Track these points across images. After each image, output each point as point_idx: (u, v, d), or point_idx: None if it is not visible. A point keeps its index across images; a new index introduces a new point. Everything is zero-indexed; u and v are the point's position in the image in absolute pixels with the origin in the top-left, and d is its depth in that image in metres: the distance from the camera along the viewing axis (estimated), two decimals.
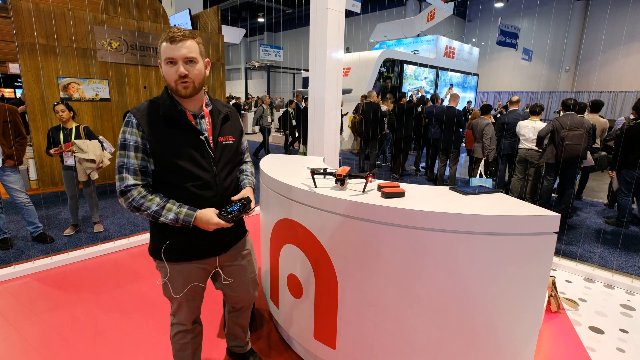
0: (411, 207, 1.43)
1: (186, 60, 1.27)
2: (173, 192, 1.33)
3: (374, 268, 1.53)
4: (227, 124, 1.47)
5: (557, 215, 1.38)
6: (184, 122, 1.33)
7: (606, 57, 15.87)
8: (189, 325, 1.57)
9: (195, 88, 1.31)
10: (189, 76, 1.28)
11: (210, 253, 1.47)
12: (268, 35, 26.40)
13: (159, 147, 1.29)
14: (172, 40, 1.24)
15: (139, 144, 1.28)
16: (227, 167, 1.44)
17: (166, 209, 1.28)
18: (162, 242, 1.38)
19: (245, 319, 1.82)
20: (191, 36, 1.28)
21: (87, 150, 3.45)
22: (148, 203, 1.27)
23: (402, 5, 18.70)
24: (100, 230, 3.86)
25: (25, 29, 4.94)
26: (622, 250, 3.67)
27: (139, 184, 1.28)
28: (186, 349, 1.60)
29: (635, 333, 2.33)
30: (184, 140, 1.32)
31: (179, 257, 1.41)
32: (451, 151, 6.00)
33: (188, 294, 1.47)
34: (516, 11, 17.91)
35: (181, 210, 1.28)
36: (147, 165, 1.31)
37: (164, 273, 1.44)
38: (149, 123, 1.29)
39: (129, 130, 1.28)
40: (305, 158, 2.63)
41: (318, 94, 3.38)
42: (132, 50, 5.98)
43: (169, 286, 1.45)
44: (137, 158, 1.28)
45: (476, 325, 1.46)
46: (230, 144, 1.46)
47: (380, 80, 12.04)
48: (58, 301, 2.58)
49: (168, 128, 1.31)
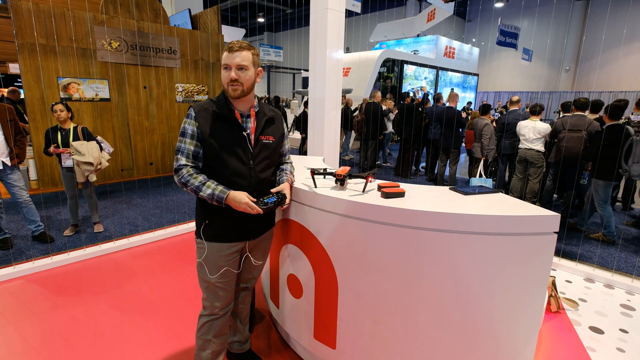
0: (411, 207, 1.43)
1: (239, 67, 1.48)
2: (214, 176, 1.53)
3: (374, 268, 1.53)
4: (270, 125, 1.65)
5: (557, 215, 1.38)
6: (232, 118, 1.53)
7: (606, 57, 15.87)
8: (217, 309, 1.64)
9: (243, 91, 1.51)
10: (238, 80, 1.48)
11: (242, 237, 1.62)
12: (268, 35, 26.39)
13: (208, 137, 1.50)
14: (230, 50, 1.48)
15: (195, 132, 1.50)
16: (263, 162, 1.60)
17: (206, 185, 1.48)
18: (202, 221, 1.57)
19: (243, 303, 1.85)
20: (247, 47, 1.50)
21: (84, 152, 3.43)
22: (193, 180, 1.48)
23: (402, 5, 18.70)
24: (100, 231, 3.85)
25: (25, 29, 4.94)
26: (622, 250, 3.67)
27: (189, 165, 1.51)
28: (207, 347, 1.67)
29: (635, 333, 2.33)
30: (229, 134, 1.53)
31: (216, 237, 1.57)
32: (451, 151, 6.01)
33: (221, 278, 1.59)
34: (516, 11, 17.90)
35: (217, 187, 1.48)
36: (199, 151, 1.52)
37: (201, 252, 1.59)
38: (204, 117, 1.51)
39: (188, 121, 1.51)
40: (305, 158, 2.63)
41: (318, 94, 3.38)
42: (132, 50, 5.98)
43: (205, 266, 1.59)
44: (192, 144, 1.51)
45: (476, 325, 1.46)
46: (269, 143, 1.63)
47: (380, 80, 12.04)
48: (58, 301, 2.58)
49: (218, 122, 1.52)
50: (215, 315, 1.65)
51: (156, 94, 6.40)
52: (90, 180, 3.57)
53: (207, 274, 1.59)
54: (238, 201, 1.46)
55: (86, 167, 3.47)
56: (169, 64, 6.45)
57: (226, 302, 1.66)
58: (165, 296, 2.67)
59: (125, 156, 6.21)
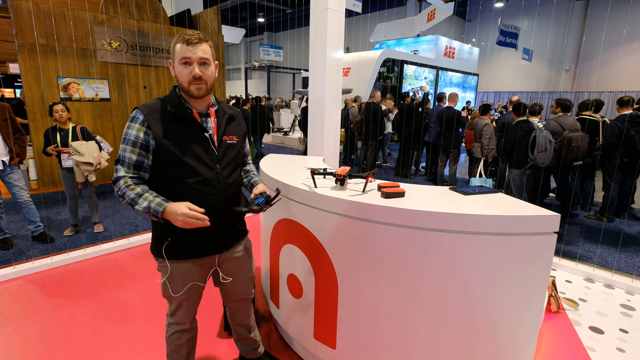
0: (411, 207, 1.43)
1: (201, 62, 1.32)
2: (176, 186, 1.35)
3: (374, 268, 1.53)
4: (231, 124, 1.52)
5: (557, 215, 1.38)
6: (190, 118, 1.37)
7: (606, 57, 15.87)
8: (187, 324, 1.57)
9: (207, 90, 1.37)
10: (202, 77, 1.33)
11: (210, 251, 1.48)
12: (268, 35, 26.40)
13: (165, 142, 1.32)
14: (188, 42, 1.29)
15: (140, 139, 1.31)
16: (229, 165, 1.47)
17: (142, 197, 1.28)
18: (164, 240, 1.40)
19: (245, 318, 1.81)
20: (205, 39, 1.34)
21: (84, 152, 3.42)
22: (130, 192, 1.29)
23: (402, 5, 18.70)
24: (100, 231, 3.85)
25: (25, 29, 4.94)
26: (622, 250, 3.67)
27: (127, 176, 1.31)
28: (181, 350, 1.60)
29: (635, 333, 2.33)
30: (188, 136, 1.36)
31: (180, 255, 1.43)
32: (451, 151, 6.00)
33: (187, 293, 1.48)
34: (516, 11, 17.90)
35: (154, 199, 1.27)
36: (143, 161, 1.33)
37: (164, 272, 1.45)
38: (156, 119, 1.33)
39: (132, 126, 1.32)
40: (305, 158, 2.63)
41: (318, 94, 3.38)
42: (132, 50, 5.98)
43: (168, 285, 1.46)
44: (134, 153, 1.31)
45: (476, 325, 1.46)
46: (233, 144, 1.49)
47: (380, 80, 12.04)
48: (58, 301, 2.58)
49: (174, 124, 1.35)
50: (183, 326, 1.56)
51: (156, 94, 6.40)
52: (90, 180, 3.57)
53: (171, 292, 1.45)
54: (174, 213, 1.23)
55: (85, 167, 3.46)
56: (168, 64, 6.44)
57: (192, 313, 1.57)
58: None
59: None
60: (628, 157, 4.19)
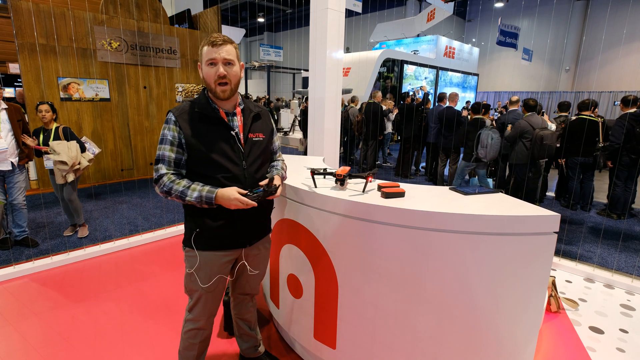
0: (411, 207, 1.43)
1: (225, 62, 1.39)
2: (206, 182, 1.42)
3: (374, 268, 1.53)
4: (258, 122, 1.57)
5: (557, 215, 1.38)
6: (217, 118, 1.44)
7: (606, 57, 15.86)
8: (203, 321, 1.60)
9: (232, 90, 1.43)
10: (227, 77, 1.39)
11: (235, 244, 1.54)
12: (268, 35, 26.38)
13: (194, 141, 1.41)
14: (213, 44, 1.37)
15: (175, 138, 1.41)
16: (256, 162, 1.52)
17: (191, 189, 1.37)
18: (193, 229, 1.47)
19: (248, 312, 1.83)
20: (230, 41, 1.41)
21: (60, 151, 3.32)
22: (176, 186, 1.38)
23: (402, 5, 18.69)
24: (84, 235, 3.70)
25: (25, 29, 4.94)
26: (622, 250, 3.67)
27: (169, 172, 1.41)
28: (193, 349, 1.63)
29: (635, 333, 2.33)
30: (216, 135, 1.43)
31: (208, 246, 1.48)
32: (451, 151, 6.00)
33: (211, 286, 1.52)
34: (516, 11, 17.89)
35: (204, 188, 1.37)
36: (181, 158, 1.43)
37: (192, 262, 1.50)
38: (185, 120, 1.42)
39: (167, 126, 1.42)
40: (305, 158, 2.64)
41: (318, 94, 3.38)
42: (132, 50, 5.98)
43: (196, 276, 1.50)
44: (172, 151, 1.41)
45: (475, 325, 1.46)
46: (260, 141, 1.54)
47: (380, 80, 12.05)
48: (58, 301, 2.58)
49: (202, 124, 1.43)
50: (198, 323, 1.59)
51: (156, 94, 6.40)
52: (68, 181, 3.43)
53: (199, 282, 1.50)
54: (227, 198, 1.35)
55: (61, 167, 3.36)
56: (169, 64, 6.45)
57: (212, 312, 1.60)
58: (165, 296, 2.67)
59: (125, 156, 6.21)
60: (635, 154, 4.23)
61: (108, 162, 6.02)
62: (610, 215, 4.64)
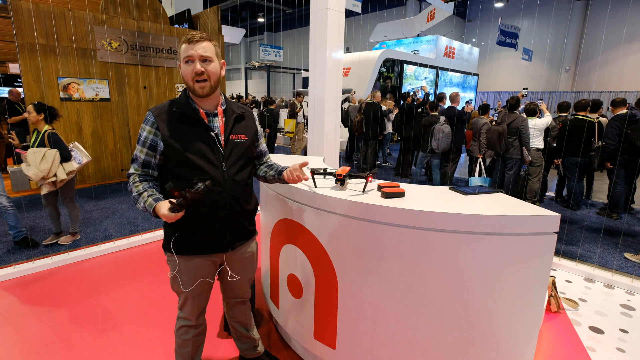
0: (411, 207, 1.43)
1: (202, 59, 1.35)
2: (183, 184, 1.36)
3: (374, 268, 1.53)
4: (241, 123, 1.53)
5: (557, 215, 1.38)
6: (196, 118, 1.41)
7: (606, 57, 15.86)
8: (194, 320, 1.60)
9: (211, 87, 1.39)
10: (204, 74, 1.36)
11: (216, 249, 1.51)
12: (268, 35, 26.38)
13: (172, 141, 1.38)
14: (189, 41, 1.34)
15: (148, 140, 1.39)
16: (237, 164, 1.48)
17: (142, 196, 1.35)
18: (172, 234, 1.45)
19: (242, 315, 1.81)
20: (207, 38, 1.38)
21: (30, 162, 3.09)
22: (135, 189, 1.38)
23: (402, 5, 18.69)
24: (66, 243, 3.48)
25: (25, 29, 4.94)
26: (622, 250, 3.67)
27: (136, 173, 1.41)
28: (187, 345, 1.63)
29: (635, 333, 2.33)
30: (194, 135, 1.40)
31: (187, 250, 1.46)
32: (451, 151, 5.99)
33: (195, 289, 1.51)
34: (516, 11, 17.90)
35: (148, 199, 1.34)
36: (150, 160, 1.41)
37: (173, 266, 1.49)
38: (164, 120, 1.40)
39: (143, 127, 1.41)
40: (305, 158, 2.63)
41: (318, 94, 3.38)
42: (132, 50, 5.98)
43: (178, 279, 1.50)
44: (142, 152, 1.40)
45: (476, 325, 1.46)
46: (242, 142, 1.50)
47: (380, 80, 12.05)
48: (58, 301, 2.58)
49: (181, 124, 1.40)
50: (189, 321, 1.59)
51: (156, 94, 6.40)
52: (41, 193, 3.26)
53: (181, 286, 1.49)
54: (160, 214, 1.28)
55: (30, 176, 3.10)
56: (169, 64, 6.45)
57: (199, 309, 1.59)
58: (165, 296, 2.67)
59: (125, 156, 6.21)
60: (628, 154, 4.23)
61: (108, 162, 6.02)
62: (610, 215, 4.64)
